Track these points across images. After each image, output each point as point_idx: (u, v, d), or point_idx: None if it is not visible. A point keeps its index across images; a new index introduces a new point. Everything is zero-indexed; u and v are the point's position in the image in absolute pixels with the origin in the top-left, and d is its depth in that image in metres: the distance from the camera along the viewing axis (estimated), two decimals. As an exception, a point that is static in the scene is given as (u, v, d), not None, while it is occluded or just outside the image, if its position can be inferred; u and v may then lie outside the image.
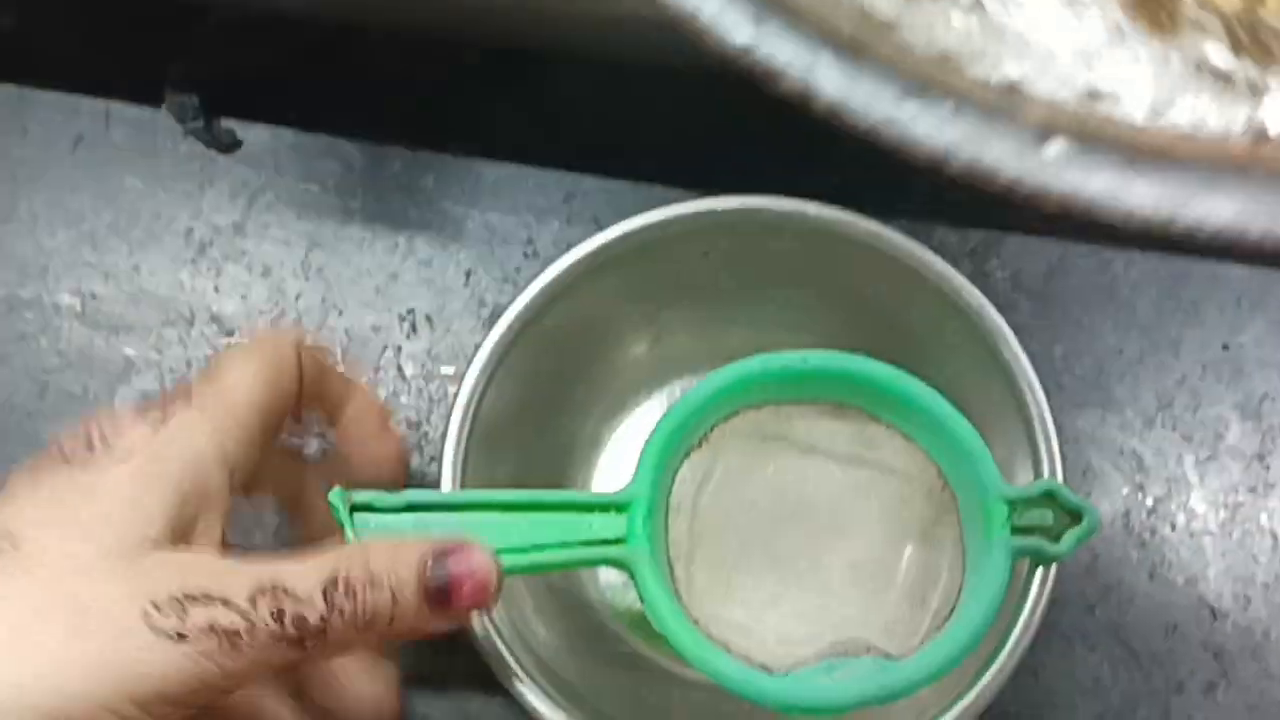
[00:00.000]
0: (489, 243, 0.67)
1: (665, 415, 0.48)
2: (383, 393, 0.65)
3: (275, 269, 0.67)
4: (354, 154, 0.69)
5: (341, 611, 0.40)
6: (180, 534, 0.41)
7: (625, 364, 0.63)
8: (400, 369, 0.65)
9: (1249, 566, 0.61)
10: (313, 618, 0.39)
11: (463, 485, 0.54)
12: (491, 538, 0.44)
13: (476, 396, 0.55)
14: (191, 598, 0.38)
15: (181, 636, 0.38)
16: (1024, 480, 0.53)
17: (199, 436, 0.43)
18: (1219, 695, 0.60)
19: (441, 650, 0.53)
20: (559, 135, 0.69)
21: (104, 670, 0.37)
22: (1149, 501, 0.62)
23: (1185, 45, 0.28)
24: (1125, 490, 0.62)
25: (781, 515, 0.50)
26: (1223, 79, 0.28)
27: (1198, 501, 0.62)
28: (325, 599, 0.40)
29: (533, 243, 0.67)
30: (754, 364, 0.49)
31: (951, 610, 0.47)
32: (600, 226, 0.58)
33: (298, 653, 0.40)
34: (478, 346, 0.56)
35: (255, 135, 0.69)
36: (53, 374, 0.66)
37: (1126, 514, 0.62)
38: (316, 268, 0.67)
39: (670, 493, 0.49)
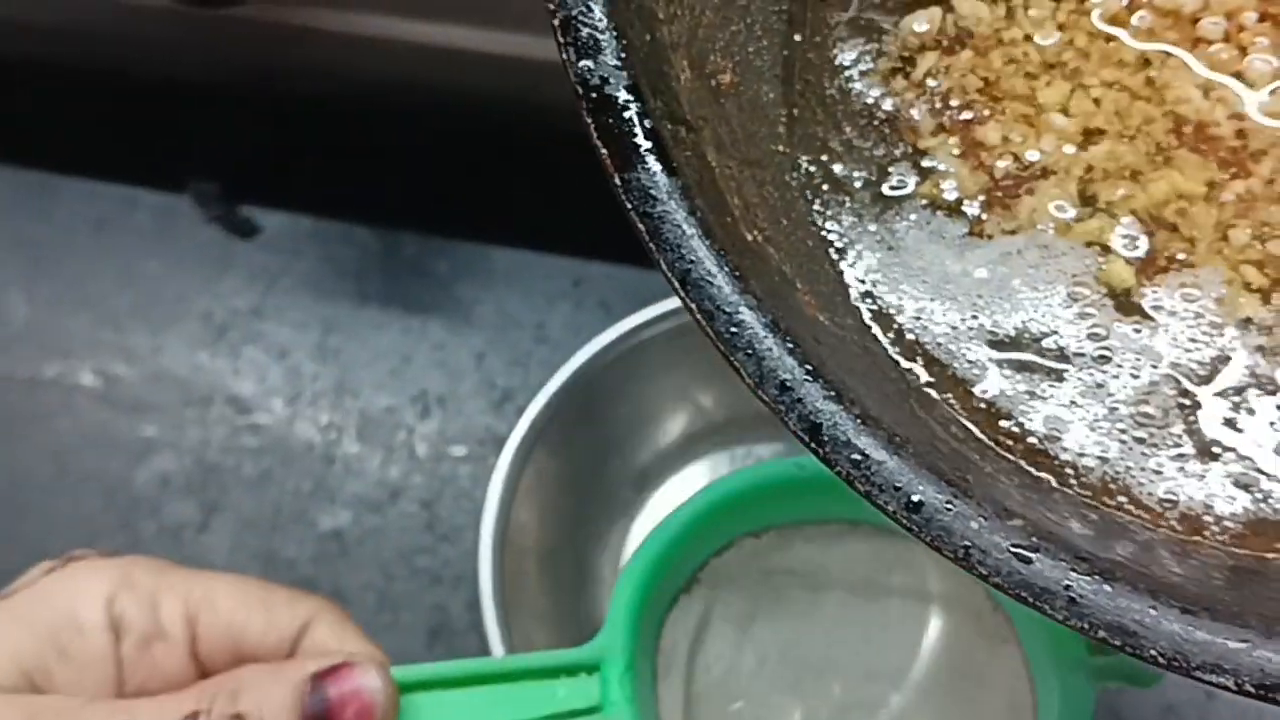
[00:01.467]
0: (500, 327, 0.69)
1: (640, 548, 0.39)
2: (394, 473, 0.66)
3: (292, 351, 0.68)
4: (369, 239, 0.71)
5: None
6: (36, 683, 0.37)
7: (663, 435, 0.63)
8: (412, 450, 0.67)
9: None
10: None
11: (500, 550, 0.51)
12: None
13: (515, 466, 0.56)
14: None
15: None
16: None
17: (88, 585, 0.38)
18: (1217, 777, 0.61)
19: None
20: (569, 221, 0.71)
21: None
22: None
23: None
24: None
25: (797, 670, 0.41)
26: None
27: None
28: None
29: (543, 327, 0.68)
30: (739, 479, 0.40)
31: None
32: (609, 311, 0.59)
33: None
34: (521, 410, 0.56)
35: (274, 221, 0.71)
36: (72, 453, 0.67)
37: None
38: (332, 350, 0.68)
39: (656, 648, 0.40)
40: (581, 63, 0.28)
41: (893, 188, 0.35)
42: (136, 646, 0.38)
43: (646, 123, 0.28)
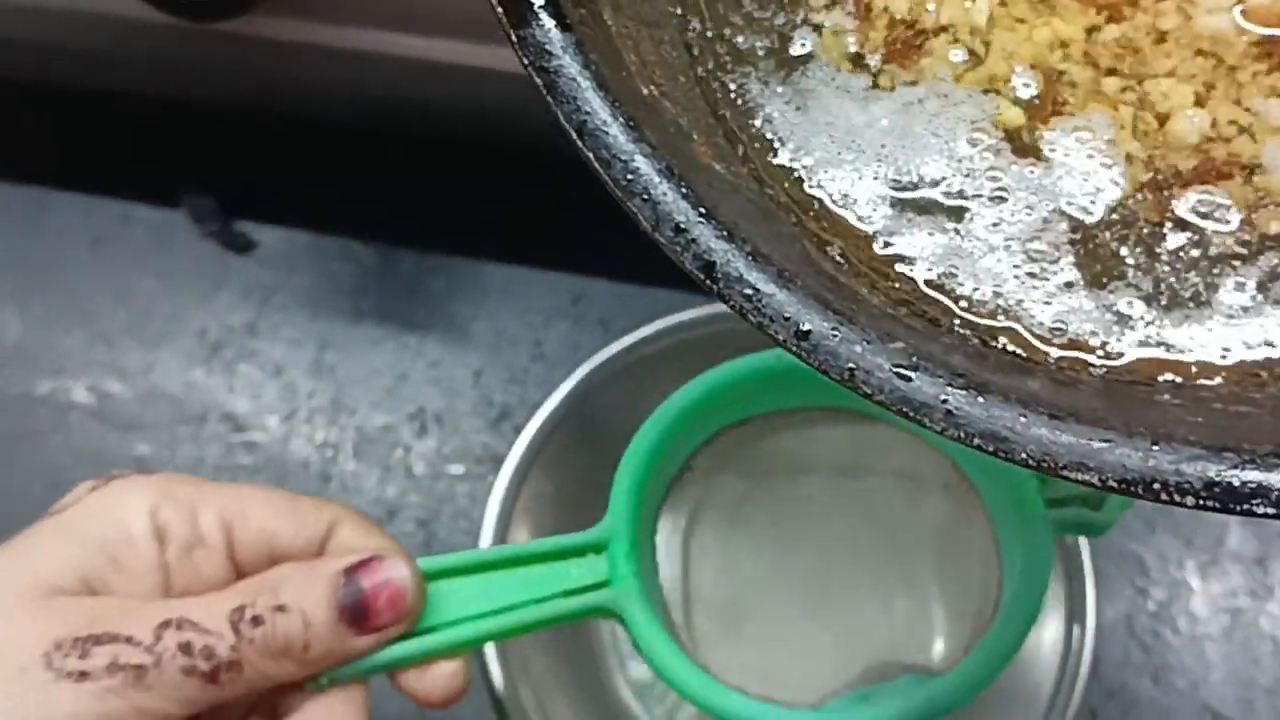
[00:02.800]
0: (497, 344, 0.68)
1: (635, 439, 0.43)
2: (391, 491, 0.65)
3: (287, 368, 0.68)
4: (366, 256, 0.70)
5: (252, 641, 0.39)
6: (94, 588, 0.40)
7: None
8: (409, 468, 0.66)
9: (1251, 671, 0.62)
10: (222, 649, 0.39)
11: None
12: (459, 605, 0.41)
13: (514, 483, 0.56)
14: (94, 637, 0.38)
15: (84, 675, 0.38)
16: (1056, 588, 0.54)
17: (131, 500, 0.41)
18: (1224, 801, 0.60)
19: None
20: (567, 238, 0.70)
21: (3, 713, 0.37)
22: (1151, 606, 0.63)
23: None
24: (1128, 593, 0.63)
25: (785, 544, 0.44)
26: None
27: (1199, 605, 0.63)
28: (234, 629, 0.39)
29: (540, 345, 0.68)
30: (723, 372, 0.43)
31: (995, 608, 0.41)
32: (607, 329, 0.59)
33: (214, 687, 0.39)
34: (519, 429, 0.56)
35: (269, 237, 0.70)
36: (65, 471, 0.67)
37: (1129, 617, 0.63)
38: (328, 367, 0.68)
39: (654, 531, 0.44)
40: None
41: (795, 52, 0.37)
42: (179, 553, 0.41)
43: None
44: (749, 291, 0.28)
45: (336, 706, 0.42)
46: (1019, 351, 0.32)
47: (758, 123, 0.36)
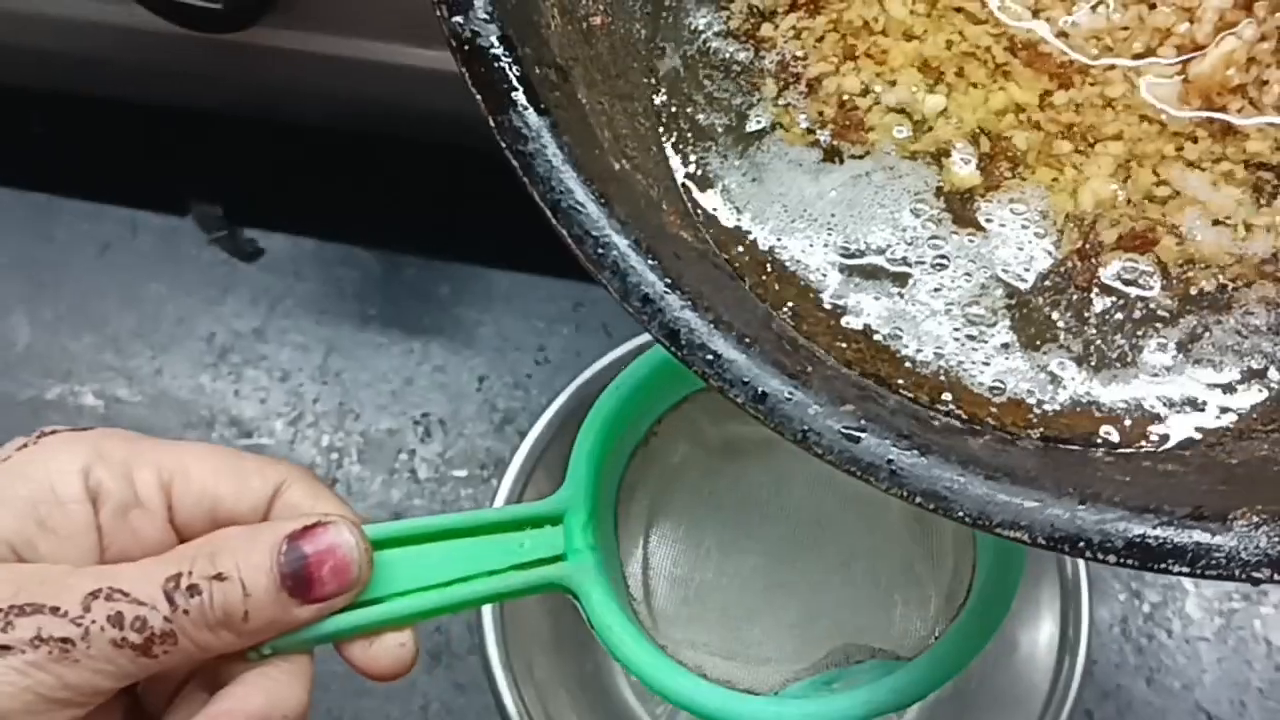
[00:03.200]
0: (501, 349, 0.69)
1: (595, 405, 0.41)
2: (396, 495, 0.66)
3: (294, 373, 0.69)
4: (371, 262, 0.71)
5: (187, 611, 0.36)
6: (21, 554, 0.38)
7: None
8: (414, 472, 0.67)
9: (1244, 672, 0.62)
10: (155, 621, 0.36)
11: None
12: (408, 575, 0.39)
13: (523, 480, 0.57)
14: (18, 608, 0.35)
15: (5, 649, 0.35)
16: (1050, 588, 0.55)
17: (62, 458, 0.39)
18: (1217, 800, 0.61)
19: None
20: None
21: None
22: (1145, 608, 0.64)
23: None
24: (1122, 596, 0.64)
25: (751, 519, 0.42)
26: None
27: (1193, 608, 0.64)
28: (168, 599, 0.36)
29: (544, 349, 0.69)
30: None
31: (968, 592, 0.40)
32: (610, 334, 0.60)
33: (147, 659, 0.36)
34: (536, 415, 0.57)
35: (276, 244, 0.71)
36: (74, 474, 0.67)
37: (1124, 620, 0.64)
38: (334, 372, 0.69)
39: (615, 503, 0.42)
40: (454, 19, 0.31)
41: (751, 128, 0.38)
42: (114, 515, 0.38)
43: (516, 69, 0.31)
44: (710, 357, 0.29)
45: (278, 677, 0.39)
46: (960, 413, 0.34)
47: (716, 192, 0.37)
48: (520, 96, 0.31)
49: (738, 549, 0.42)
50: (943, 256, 0.36)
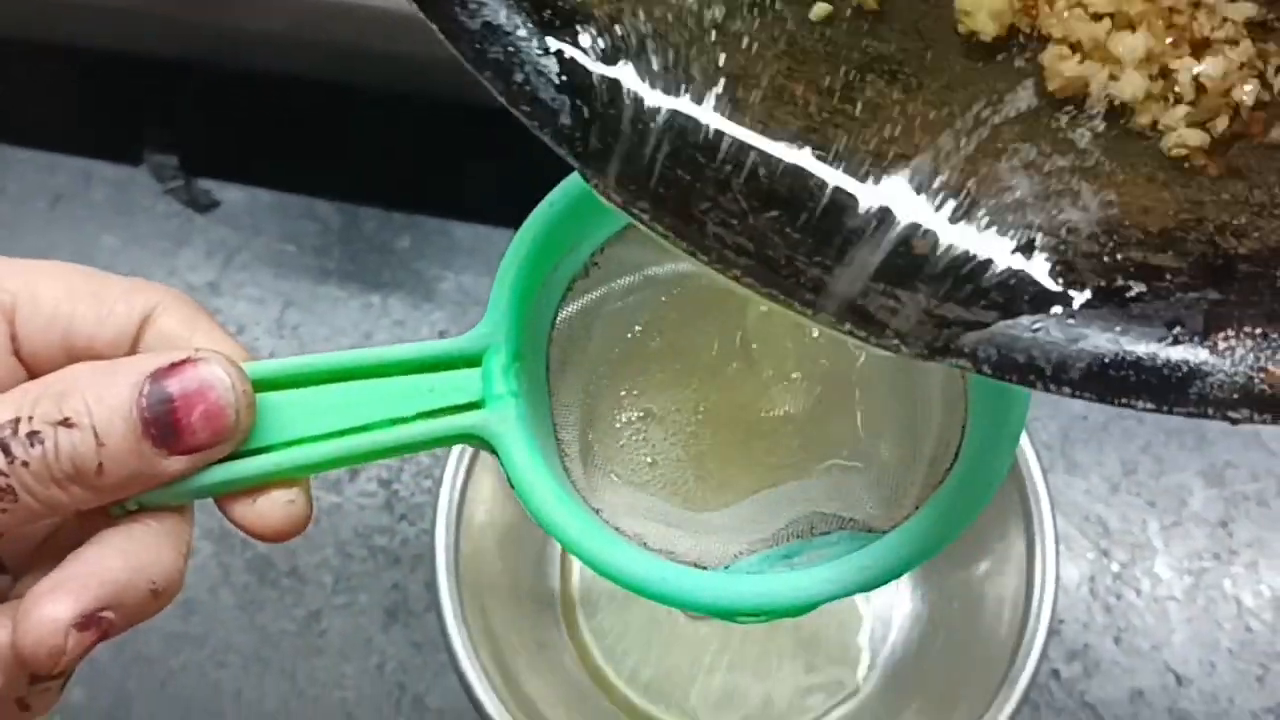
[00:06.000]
0: (461, 304, 0.68)
1: (524, 224, 0.34)
2: (354, 451, 0.65)
3: (250, 327, 0.67)
4: (330, 214, 0.69)
5: (26, 463, 0.30)
6: None
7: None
8: (372, 428, 0.66)
9: (1213, 633, 0.62)
10: None
11: (457, 528, 0.52)
12: (298, 421, 0.33)
13: None
14: None
15: None
16: (1017, 543, 0.54)
17: None
18: (1184, 762, 0.60)
19: None
20: (531, 196, 0.70)
21: None
22: (1114, 567, 0.63)
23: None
24: (1091, 555, 0.63)
25: (705, 359, 0.35)
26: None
27: (1162, 567, 0.63)
28: (3, 449, 0.30)
29: (506, 304, 0.67)
30: None
31: (956, 457, 0.33)
32: (571, 288, 0.58)
33: None
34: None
35: (233, 195, 0.70)
36: (24, 429, 0.66)
37: (1092, 579, 0.63)
38: (291, 326, 0.67)
39: (548, 340, 0.35)
40: None
41: None
42: None
43: None
44: None
45: (142, 537, 0.32)
46: None
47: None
48: None
49: (689, 402, 0.35)
50: None
